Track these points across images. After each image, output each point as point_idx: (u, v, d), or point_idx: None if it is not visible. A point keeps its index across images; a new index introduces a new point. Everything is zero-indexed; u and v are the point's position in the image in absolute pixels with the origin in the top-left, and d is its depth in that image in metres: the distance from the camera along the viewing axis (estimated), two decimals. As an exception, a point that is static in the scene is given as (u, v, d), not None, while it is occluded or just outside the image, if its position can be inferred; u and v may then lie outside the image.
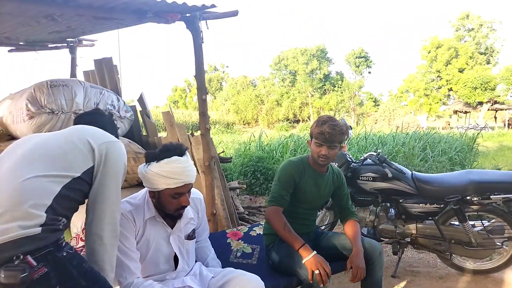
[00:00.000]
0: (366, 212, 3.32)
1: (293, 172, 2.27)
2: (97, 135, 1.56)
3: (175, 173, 1.63)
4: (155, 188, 1.67)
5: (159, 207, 1.74)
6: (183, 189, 1.68)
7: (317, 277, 1.95)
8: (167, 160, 1.63)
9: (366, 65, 41.78)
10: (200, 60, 3.20)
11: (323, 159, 2.22)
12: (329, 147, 2.19)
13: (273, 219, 2.19)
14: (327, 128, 2.15)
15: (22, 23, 3.14)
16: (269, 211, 2.23)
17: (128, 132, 4.01)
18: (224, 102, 43.14)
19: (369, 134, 8.50)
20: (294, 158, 2.39)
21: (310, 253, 2.03)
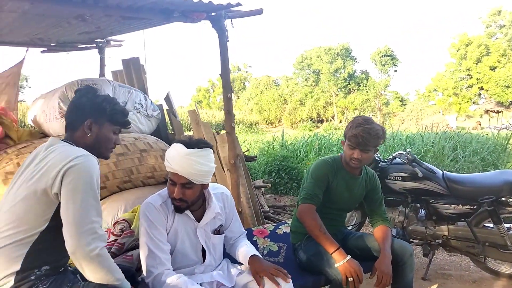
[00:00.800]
0: (395, 212, 3.23)
1: (327, 171, 2.22)
2: (56, 164, 1.43)
3: (170, 158, 1.70)
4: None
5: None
6: (173, 176, 1.72)
7: (350, 284, 1.91)
8: (174, 145, 1.73)
9: (392, 63, 40.90)
10: (226, 58, 3.21)
11: (355, 162, 2.16)
12: (362, 150, 2.12)
13: (307, 218, 2.12)
14: (361, 132, 2.07)
15: (54, 24, 3.24)
16: (302, 209, 2.15)
17: (155, 131, 4.07)
18: (247, 102, 43.24)
19: (396, 133, 8.30)
20: (326, 157, 2.34)
21: (344, 257, 1.97)
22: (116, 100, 1.68)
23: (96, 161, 1.51)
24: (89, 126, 1.59)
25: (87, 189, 1.40)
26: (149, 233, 1.70)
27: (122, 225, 2.09)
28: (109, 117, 1.63)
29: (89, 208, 1.39)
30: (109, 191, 3.25)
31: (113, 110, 1.63)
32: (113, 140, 1.67)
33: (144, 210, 1.75)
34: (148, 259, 1.68)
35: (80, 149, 1.51)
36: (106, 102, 1.62)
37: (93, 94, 1.63)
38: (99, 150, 1.64)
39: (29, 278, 1.37)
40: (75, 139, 1.59)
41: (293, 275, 1.90)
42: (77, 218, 1.36)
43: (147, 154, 3.36)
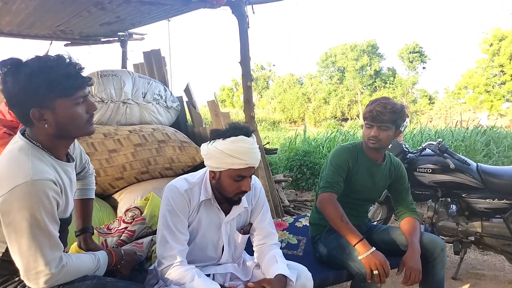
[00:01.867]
0: (424, 207, 3.04)
1: (347, 157, 2.09)
2: None
3: (239, 153, 1.50)
4: (217, 168, 1.55)
5: (218, 189, 1.62)
6: (245, 172, 1.54)
7: (375, 278, 1.76)
8: (234, 139, 1.51)
9: (421, 60, 39.76)
10: (246, 46, 3.12)
11: (373, 141, 2.02)
12: (380, 127, 1.98)
13: (328, 207, 1.97)
14: (377, 106, 1.96)
15: (74, 13, 3.24)
16: (322, 198, 2.01)
17: (174, 122, 4.02)
18: (271, 100, 43.10)
19: (424, 129, 7.97)
20: (346, 144, 2.20)
21: (368, 249, 1.82)
22: (46, 59, 1.23)
23: (43, 184, 1.18)
24: (39, 117, 1.23)
25: (33, 231, 1.16)
26: (167, 220, 1.57)
27: (134, 213, 2.02)
28: (54, 92, 1.21)
29: (39, 249, 1.17)
30: (127, 182, 3.21)
31: (52, 80, 1.20)
32: (81, 114, 1.28)
33: (167, 192, 1.61)
34: (161, 248, 1.57)
35: (24, 168, 1.19)
36: (35, 75, 1.18)
37: (15, 71, 1.20)
38: (73, 133, 1.32)
39: (13, 281, 1.27)
40: (36, 137, 1.28)
41: (313, 269, 1.78)
42: (25, 263, 1.18)
43: (165, 145, 3.31)
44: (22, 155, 1.22)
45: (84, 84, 1.28)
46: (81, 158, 1.60)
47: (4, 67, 1.21)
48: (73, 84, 1.24)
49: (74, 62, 1.26)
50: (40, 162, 1.23)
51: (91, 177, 1.75)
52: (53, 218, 1.21)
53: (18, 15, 3.22)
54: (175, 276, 1.51)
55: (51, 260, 1.20)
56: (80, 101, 1.27)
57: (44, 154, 1.27)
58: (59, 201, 1.25)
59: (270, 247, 1.75)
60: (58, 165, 1.30)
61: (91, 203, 1.77)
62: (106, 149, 3.09)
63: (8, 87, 1.19)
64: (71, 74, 1.23)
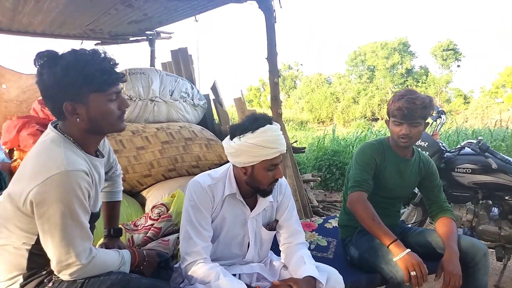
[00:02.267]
0: (463, 210, 2.85)
1: (373, 153, 1.98)
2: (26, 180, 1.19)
3: (271, 142, 1.48)
4: (250, 162, 1.51)
5: (251, 183, 1.57)
6: (277, 159, 1.53)
7: (413, 279, 1.65)
8: (262, 129, 1.48)
9: (455, 58, 38.30)
10: (273, 41, 3.05)
11: (404, 140, 1.90)
12: (410, 124, 1.87)
13: (358, 206, 1.87)
14: (405, 103, 1.83)
15: (103, 12, 3.27)
16: (352, 197, 1.91)
17: (201, 120, 4.01)
18: (298, 100, 42.78)
19: (461, 129, 7.61)
20: (371, 140, 2.10)
21: (403, 250, 1.71)
22: (82, 53, 1.22)
23: (77, 175, 1.19)
24: (72, 111, 1.23)
25: (66, 221, 1.17)
26: (191, 216, 1.53)
27: (160, 209, 1.99)
28: (88, 87, 1.21)
29: (71, 241, 1.18)
30: (154, 179, 3.22)
31: (88, 75, 1.19)
32: (114, 110, 1.27)
33: (190, 188, 1.58)
34: (185, 244, 1.53)
35: (58, 158, 1.19)
36: (71, 69, 1.17)
37: (51, 64, 1.19)
38: (104, 129, 1.31)
39: (40, 274, 1.27)
40: (68, 130, 1.28)
41: (344, 272, 1.69)
42: (57, 254, 1.18)
43: (191, 143, 3.30)
44: (55, 146, 1.23)
45: (118, 80, 1.28)
46: (109, 157, 1.60)
47: (40, 59, 1.21)
48: (108, 79, 1.23)
49: (109, 57, 1.26)
50: (73, 154, 1.24)
51: (118, 178, 1.74)
52: (85, 209, 1.23)
53: (49, 14, 3.29)
54: (199, 274, 1.46)
55: (82, 251, 1.21)
56: (113, 98, 1.27)
57: (75, 147, 1.28)
58: (90, 193, 1.26)
59: (297, 247, 1.68)
60: (88, 159, 1.31)
61: (118, 205, 1.77)
62: (134, 146, 3.11)
63: (44, 79, 1.20)
64: (106, 69, 1.23)
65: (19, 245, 1.24)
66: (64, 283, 1.23)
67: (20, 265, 1.25)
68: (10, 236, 1.24)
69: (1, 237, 1.25)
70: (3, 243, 1.25)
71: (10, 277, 1.25)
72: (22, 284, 1.25)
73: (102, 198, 1.70)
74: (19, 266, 1.25)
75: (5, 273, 1.25)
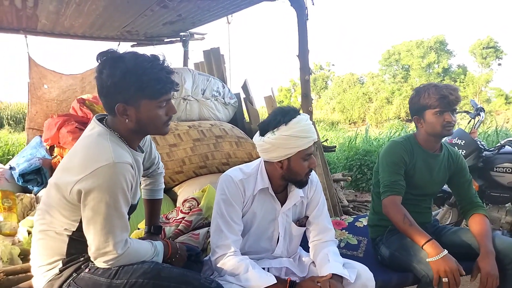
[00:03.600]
0: (502, 211, 2.74)
1: (402, 152, 1.94)
2: (75, 170, 1.26)
3: (306, 131, 1.51)
4: (287, 155, 1.53)
5: (288, 176, 1.59)
6: (311, 148, 1.56)
7: (444, 286, 1.60)
8: (295, 120, 1.51)
9: (496, 56, 36.54)
10: (304, 38, 3.05)
11: (449, 128, 1.90)
12: (453, 112, 1.89)
13: (391, 212, 1.85)
14: (448, 91, 1.85)
15: (139, 13, 3.38)
16: (386, 203, 1.88)
17: (232, 119, 4.05)
18: (329, 101, 42.26)
19: (501, 129, 7.26)
20: (398, 138, 2.06)
21: (439, 251, 1.66)
22: (142, 59, 1.26)
23: (123, 167, 1.26)
24: (123, 112, 1.29)
25: (109, 211, 1.23)
26: (222, 209, 1.56)
27: (191, 203, 2.04)
28: (142, 93, 1.27)
29: (111, 230, 1.25)
30: (186, 176, 3.29)
31: (143, 82, 1.25)
32: (161, 115, 1.33)
33: (222, 182, 1.61)
34: (215, 237, 1.56)
35: (106, 151, 1.25)
36: (129, 74, 1.23)
37: (112, 64, 1.26)
38: (149, 131, 1.40)
39: (78, 260, 1.34)
40: (116, 126, 1.35)
41: (375, 271, 1.67)
42: (97, 242, 1.25)
43: (222, 140, 3.35)
44: (102, 139, 1.30)
45: (171, 89, 1.34)
46: (150, 153, 1.64)
47: (102, 57, 1.29)
48: (161, 89, 1.29)
49: (167, 66, 1.32)
50: (119, 147, 1.31)
51: (160, 176, 1.78)
52: (127, 200, 1.30)
53: (89, 16, 3.44)
54: (229, 266, 1.49)
55: (119, 241, 1.27)
56: (163, 105, 1.33)
57: (120, 141, 1.35)
58: (133, 184, 1.33)
59: (325, 244, 1.67)
60: (131, 153, 1.37)
61: (159, 203, 1.81)
62: (167, 144, 3.19)
63: (103, 78, 1.27)
64: (162, 79, 1.28)
65: (61, 230, 1.31)
66: (99, 270, 1.29)
67: (60, 250, 1.32)
68: (53, 222, 1.31)
69: (44, 222, 1.33)
70: (45, 229, 1.33)
71: (51, 261, 1.33)
72: (61, 268, 1.32)
73: (144, 195, 1.77)
74: (59, 251, 1.32)
75: (45, 257, 1.33)
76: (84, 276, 1.30)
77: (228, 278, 1.47)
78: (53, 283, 1.30)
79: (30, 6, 3.22)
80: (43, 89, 4.67)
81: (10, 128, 14.53)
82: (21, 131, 12.97)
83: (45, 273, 1.32)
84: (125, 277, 1.27)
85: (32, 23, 3.86)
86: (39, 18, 3.63)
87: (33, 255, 1.37)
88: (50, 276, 1.31)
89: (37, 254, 1.34)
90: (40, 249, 1.34)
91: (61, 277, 1.30)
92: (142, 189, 1.76)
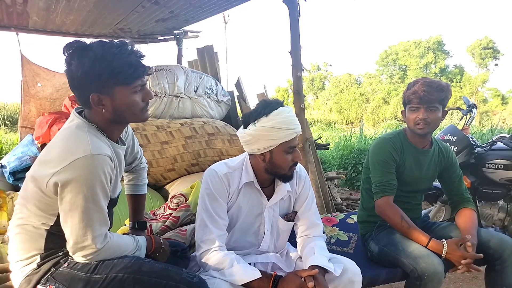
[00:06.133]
0: (494, 208, 2.73)
1: (391, 149, 1.90)
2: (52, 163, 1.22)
3: (287, 123, 1.47)
4: (268, 147, 1.50)
5: (271, 170, 1.55)
6: (295, 141, 1.52)
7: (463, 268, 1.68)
8: (276, 111, 1.48)
9: (493, 56, 36.65)
10: (297, 35, 3.03)
11: (421, 125, 1.84)
12: (427, 109, 1.81)
13: (387, 212, 1.84)
14: (421, 86, 1.79)
15: (130, 9, 3.35)
16: (380, 204, 1.87)
17: (225, 117, 4.03)
18: (326, 101, 42.30)
19: (496, 127, 7.27)
20: (386, 134, 2.02)
21: (442, 247, 1.72)
22: (110, 45, 1.23)
23: (102, 159, 1.22)
24: (98, 102, 1.26)
25: (87, 204, 1.20)
26: (206, 204, 1.53)
27: (179, 199, 2.02)
28: (115, 79, 1.23)
29: (89, 223, 1.21)
30: (178, 173, 3.27)
31: (115, 68, 1.21)
32: (138, 101, 1.30)
33: (206, 176, 1.58)
34: (200, 232, 1.54)
35: (84, 143, 1.22)
36: (99, 61, 1.20)
37: (80, 54, 1.22)
38: (128, 119, 1.35)
39: (57, 255, 1.31)
40: (93, 119, 1.32)
41: (364, 266, 1.68)
42: (74, 236, 1.21)
43: (214, 138, 3.33)
44: (80, 131, 1.27)
45: (143, 73, 1.30)
46: (132, 148, 1.62)
47: (69, 48, 1.25)
48: (134, 73, 1.26)
49: (136, 50, 1.29)
50: (97, 139, 1.28)
51: (143, 171, 1.76)
52: (106, 193, 1.26)
53: (80, 13, 3.42)
54: (214, 261, 1.47)
55: (99, 236, 1.24)
56: (138, 90, 1.30)
57: (99, 133, 1.32)
58: (112, 178, 1.29)
59: (313, 239, 1.65)
60: (111, 145, 1.34)
61: (143, 198, 1.78)
62: (158, 141, 3.17)
63: (72, 69, 1.23)
64: (132, 63, 1.25)
65: (38, 225, 1.28)
66: (79, 264, 1.27)
67: (38, 245, 1.29)
68: (30, 216, 1.28)
69: (21, 217, 1.30)
70: (22, 223, 1.30)
71: (28, 256, 1.30)
72: (39, 263, 1.29)
73: (127, 191, 1.74)
74: (37, 245, 1.29)
75: (23, 252, 1.30)
76: (63, 271, 1.27)
77: (212, 273, 1.45)
78: (31, 278, 1.27)
79: (20, 2, 3.19)
80: (37, 87, 4.63)
81: (7, 129, 14.46)
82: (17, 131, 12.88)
83: (22, 268, 1.29)
84: (104, 271, 1.24)
85: (23, 20, 3.83)
86: (30, 15, 3.60)
87: (10, 250, 1.34)
88: (27, 271, 1.29)
89: (14, 249, 1.31)
90: (17, 243, 1.31)
91: (39, 272, 1.27)
92: (125, 185, 1.73)
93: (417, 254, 1.68)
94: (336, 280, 1.47)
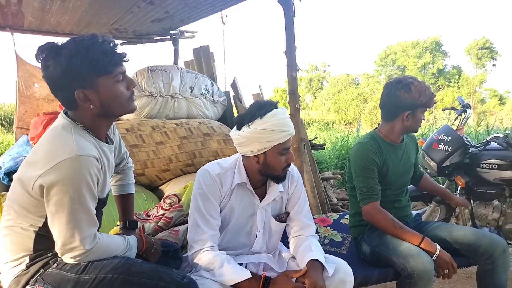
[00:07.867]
0: (489, 208, 2.73)
1: (370, 153, 1.91)
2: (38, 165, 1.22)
3: (282, 125, 1.48)
4: (262, 149, 1.50)
5: (265, 171, 1.55)
6: (288, 143, 1.52)
7: (443, 277, 1.72)
8: (271, 114, 1.47)
9: (491, 57, 36.76)
10: (292, 35, 3.03)
11: None
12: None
13: (376, 218, 1.86)
14: (428, 89, 1.92)
15: (126, 9, 3.34)
16: (367, 210, 1.88)
17: (221, 117, 4.03)
18: (325, 101, 42.34)
19: (492, 127, 7.29)
20: (362, 140, 2.02)
21: (434, 248, 1.74)
22: (81, 39, 1.22)
23: (87, 160, 1.21)
24: (84, 98, 1.25)
25: (74, 206, 1.19)
26: (199, 204, 1.53)
27: (172, 200, 2.02)
28: (94, 70, 1.23)
29: (77, 225, 1.21)
30: (173, 174, 3.26)
31: (92, 59, 1.21)
32: (123, 91, 1.30)
33: (199, 176, 1.58)
34: (192, 232, 1.54)
35: (69, 144, 1.21)
36: (75, 56, 1.19)
37: (55, 55, 1.21)
38: (116, 111, 1.33)
39: (46, 256, 1.31)
40: (79, 119, 1.30)
41: (357, 267, 1.68)
42: (62, 238, 1.21)
43: (210, 138, 3.33)
44: (65, 132, 1.26)
45: (121, 59, 1.29)
46: (120, 148, 1.62)
47: (43, 52, 1.24)
48: (111, 60, 1.25)
49: (108, 39, 1.28)
50: (83, 140, 1.27)
51: (130, 171, 1.76)
52: (93, 194, 1.25)
53: (75, 13, 3.41)
54: (204, 261, 1.47)
55: (87, 237, 1.23)
56: (120, 78, 1.29)
57: (86, 133, 1.31)
58: (99, 178, 1.28)
59: (307, 238, 1.66)
60: (98, 144, 1.33)
61: (131, 198, 1.78)
62: (153, 141, 3.16)
63: (50, 71, 1.22)
64: (108, 51, 1.25)
65: (27, 226, 1.28)
66: (68, 265, 1.26)
67: (27, 246, 1.29)
68: (18, 217, 1.28)
69: (9, 218, 1.30)
70: (10, 224, 1.29)
71: (17, 257, 1.30)
72: (28, 264, 1.29)
73: (115, 192, 1.74)
74: (26, 247, 1.29)
75: (12, 253, 1.30)
76: (52, 272, 1.27)
77: (203, 273, 1.45)
78: (20, 279, 1.27)
79: (14, 2, 3.18)
80: (34, 88, 4.61)
81: (4, 129, 14.42)
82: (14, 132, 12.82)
83: (11, 269, 1.29)
84: (94, 272, 1.24)
85: (19, 20, 3.82)
86: (25, 15, 3.59)
87: (0, 252, 1.34)
88: (16, 272, 1.28)
89: (3, 250, 1.31)
90: (6, 245, 1.30)
91: (28, 273, 1.27)
92: (112, 186, 1.73)
93: (407, 252, 1.70)
94: (328, 280, 1.47)
